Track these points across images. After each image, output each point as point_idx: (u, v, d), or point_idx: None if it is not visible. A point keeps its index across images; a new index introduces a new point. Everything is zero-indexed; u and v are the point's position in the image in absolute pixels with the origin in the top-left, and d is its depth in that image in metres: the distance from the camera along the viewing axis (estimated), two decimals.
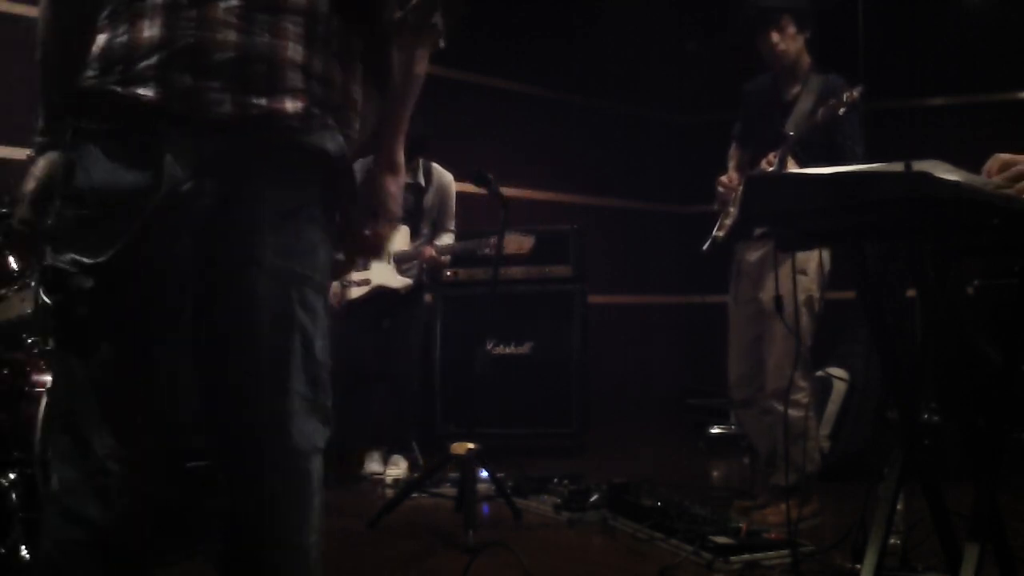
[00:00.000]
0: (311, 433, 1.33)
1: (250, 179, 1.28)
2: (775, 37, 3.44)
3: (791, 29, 3.43)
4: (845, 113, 3.11)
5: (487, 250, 4.24)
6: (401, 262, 4.50)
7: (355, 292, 4.49)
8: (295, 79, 1.30)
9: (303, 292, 1.31)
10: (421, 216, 4.57)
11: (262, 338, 1.29)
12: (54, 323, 1.32)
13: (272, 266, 1.28)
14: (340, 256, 1.50)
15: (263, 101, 1.27)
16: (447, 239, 4.60)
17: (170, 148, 1.24)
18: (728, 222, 3.49)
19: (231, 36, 1.26)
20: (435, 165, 4.62)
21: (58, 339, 1.34)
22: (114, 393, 1.29)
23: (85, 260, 1.25)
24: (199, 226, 1.26)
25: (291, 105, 1.29)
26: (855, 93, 3.09)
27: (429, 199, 4.58)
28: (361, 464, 4.51)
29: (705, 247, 3.58)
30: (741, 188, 3.39)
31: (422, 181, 4.56)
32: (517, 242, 4.16)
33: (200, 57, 1.25)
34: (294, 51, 1.30)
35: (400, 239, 4.52)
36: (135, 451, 1.30)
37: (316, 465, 1.35)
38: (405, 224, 4.52)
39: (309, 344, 1.32)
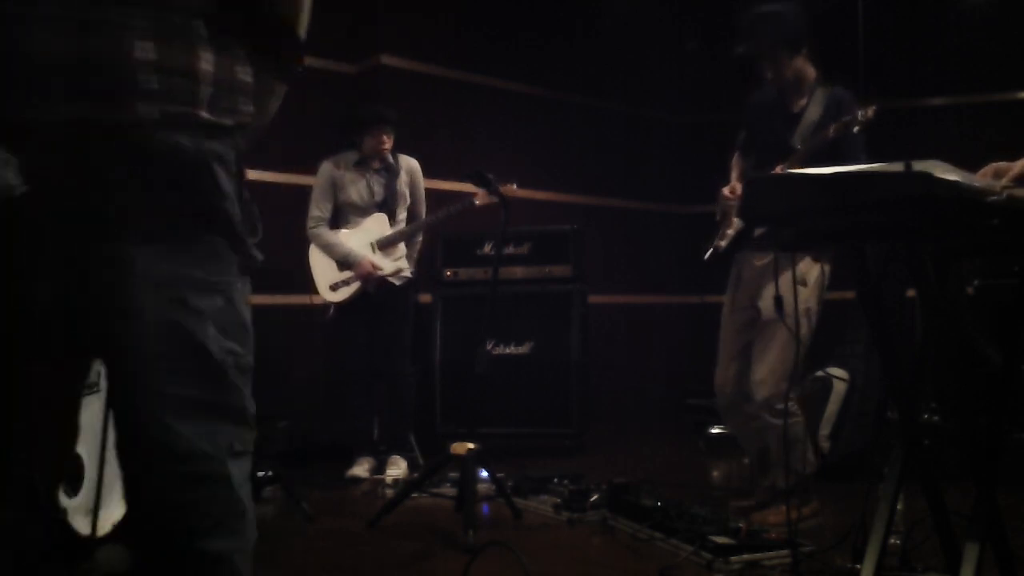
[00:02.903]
0: (215, 437, 1.28)
1: (103, 187, 1.21)
2: (769, 70, 3.42)
3: (784, 58, 3.39)
4: (859, 130, 3.10)
5: (469, 203, 4.35)
6: (384, 248, 4.51)
7: (343, 294, 4.49)
8: (149, 81, 1.21)
9: (181, 294, 1.25)
10: (396, 200, 4.59)
11: (140, 345, 1.23)
12: None
13: (141, 270, 1.22)
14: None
15: (112, 111, 1.19)
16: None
17: (5, 157, 1.17)
18: (730, 231, 3.50)
19: (67, 43, 1.17)
20: (400, 154, 4.65)
21: None
22: None
23: None
24: (48, 237, 1.21)
25: (146, 111, 1.21)
26: (870, 112, 3.06)
27: (402, 182, 4.61)
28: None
29: (706, 256, 3.59)
30: (742, 191, 3.40)
31: (391, 161, 4.58)
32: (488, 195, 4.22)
33: (36, 71, 1.17)
34: (143, 49, 1.21)
35: (378, 226, 4.53)
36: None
37: (233, 469, 1.30)
38: (380, 210, 4.54)
39: (198, 346, 1.26)
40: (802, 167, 3.24)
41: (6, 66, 1.17)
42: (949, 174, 1.59)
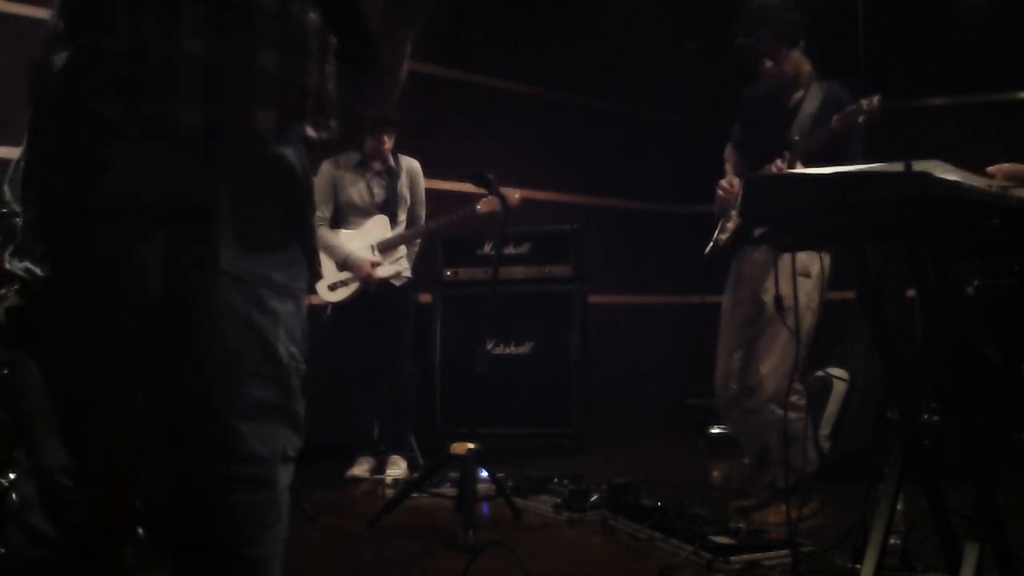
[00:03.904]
0: (273, 439, 1.29)
1: (209, 184, 1.25)
2: (769, 65, 3.44)
3: (783, 51, 3.41)
4: (863, 120, 3.09)
5: (470, 212, 4.43)
6: (384, 251, 4.51)
7: (341, 294, 4.49)
8: (267, 89, 1.26)
9: (259, 294, 1.28)
10: (396, 203, 4.59)
11: (214, 342, 1.25)
12: (11, 328, 1.28)
13: (227, 268, 1.25)
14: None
15: (232, 114, 1.24)
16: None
17: (122, 154, 1.21)
18: (730, 226, 3.50)
19: (198, 46, 1.21)
20: (401, 155, 4.66)
21: (14, 345, 1.30)
22: (63, 404, 1.25)
23: (36, 270, 1.23)
24: (152, 231, 1.24)
25: (263, 118, 1.26)
26: (874, 100, 3.06)
27: (403, 185, 4.61)
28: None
29: (707, 252, 3.58)
30: (741, 190, 3.39)
31: (392, 163, 4.58)
32: (491, 203, 4.27)
33: (166, 70, 1.21)
34: (266, 59, 1.26)
35: (379, 228, 4.53)
36: (88, 465, 1.25)
37: (281, 474, 1.31)
38: (382, 213, 4.54)
39: (269, 347, 1.28)
40: (803, 160, 3.26)
41: (143, 64, 1.21)
42: (949, 174, 1.60)
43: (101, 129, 1.21)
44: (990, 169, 1.85)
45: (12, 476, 2.69)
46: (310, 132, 1.34)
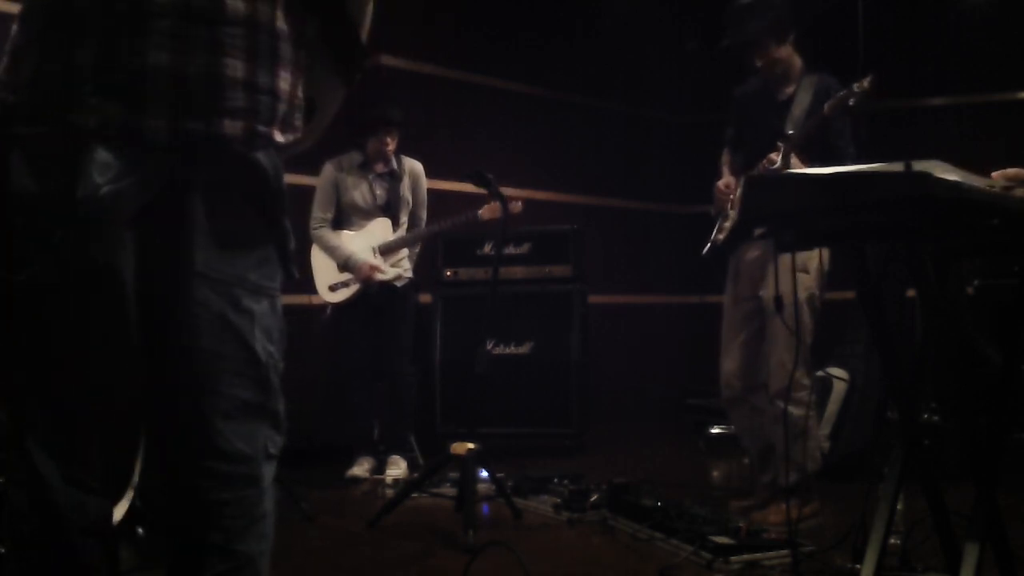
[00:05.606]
0: (255, 438, 1.31)
1: (182, 189, 1.27)
2: (761, 60, 3.46)
3: (772, 46, 3.44)
4: (855, 103, 3.10)
5: (474, 218, 4.46)
6: (385, 253, 4.51)
7: (341, 295, 4.49)
8: (237, 98, 1.27)
9: (235, 294, 1.30)
10: (399, 205, 4.59)
11: (191, 342, 1.27)
12: None
13: (202, 269, 1.27)
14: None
15: (201, 125, 1.25)
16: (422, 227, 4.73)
17: (95, 158, 1.21)
18: (728, 225, 3.50)
19: (166, 58, 1.22)
20: (404, 156, 4.66)
21: None
22: (47, 409, 1.26)
23: (2, 275, 1.23)
24: (127, 236, 1.25)
25: (231, 127, 1.27)
26: (866, 83, 3.08)
27: (405, 187, 4.61)
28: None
29: (705, 251, 3.59)
30: (740, 190, 3.40)
31: (395, 165, 4.58)
32: (494, 210, 4.31)
33: (136, 83, 1.22)
34: (234, 67, 1.26)
35: (382, 230, 4.53)
36: (75, 469, 1.26)
37: (265, 471, 1.33)
38: (384, 215, 4.54)
39: (247, 347, 1.30)
40: (798, 151, 3.27)
41: (114, 76, 1.22)
42: (949, 174, 1.60)
43: (74, 138, 1.22)
44: (994, 174, 1.85)
45: None
46: (279, 137, 1.35)
